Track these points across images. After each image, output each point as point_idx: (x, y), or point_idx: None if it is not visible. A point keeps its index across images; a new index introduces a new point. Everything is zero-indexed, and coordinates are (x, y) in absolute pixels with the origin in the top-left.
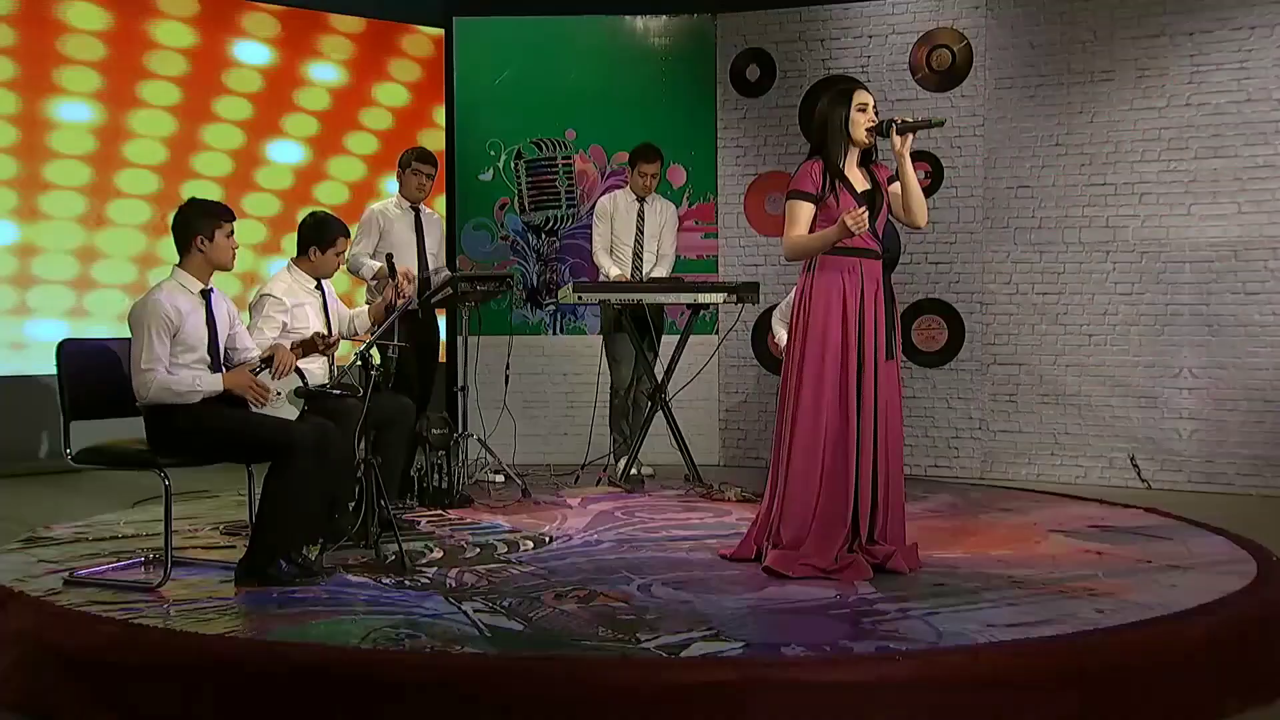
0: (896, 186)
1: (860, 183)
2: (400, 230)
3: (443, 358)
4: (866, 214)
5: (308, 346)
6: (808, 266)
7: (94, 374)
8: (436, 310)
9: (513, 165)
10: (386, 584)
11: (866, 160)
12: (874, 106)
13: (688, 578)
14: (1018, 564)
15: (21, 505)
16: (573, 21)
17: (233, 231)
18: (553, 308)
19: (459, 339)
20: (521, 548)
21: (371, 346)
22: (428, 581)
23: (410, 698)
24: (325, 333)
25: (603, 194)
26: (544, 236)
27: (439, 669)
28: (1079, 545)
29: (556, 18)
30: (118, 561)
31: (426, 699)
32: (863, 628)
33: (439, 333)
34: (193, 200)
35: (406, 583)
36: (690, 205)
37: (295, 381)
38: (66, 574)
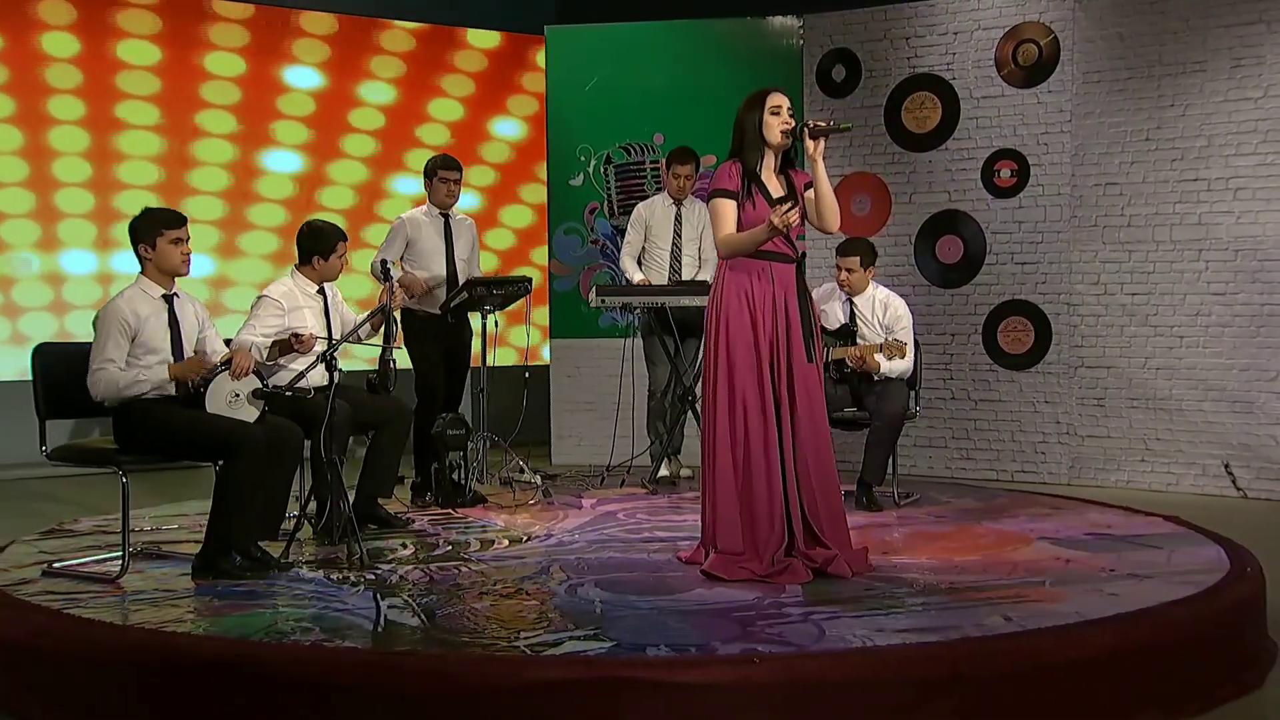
0: (813, 192)
1: (776, 189)
2: (429, 236)
3: (528, 361)
4: (796, 210)
5: (284, 347)
6: (721, 269)
7: (68, 376)
8: (470, 314)
9: (602, 170)
10: (332, 579)
11: (786, 167)
12: (789, 109)
13: (627, 579)
14: (972, 570)
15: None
16: (659, 26)
17: (181, 238)
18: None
19: (484, 344)
20: (496, 545)
21: (336, 349)
22: (373, 577)
23: (272, 687)
24: (300, 335)
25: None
26: None
27: (305, 661)
28: (1055, 553)
29: (643, 23)
30: (103, 554)
31: (290, 689)
32: (749, 630)
33: (470, 336)
34: (143, 210)
35: (351, 578)
36: None
37: (255, 383)
38: (46, 565)
